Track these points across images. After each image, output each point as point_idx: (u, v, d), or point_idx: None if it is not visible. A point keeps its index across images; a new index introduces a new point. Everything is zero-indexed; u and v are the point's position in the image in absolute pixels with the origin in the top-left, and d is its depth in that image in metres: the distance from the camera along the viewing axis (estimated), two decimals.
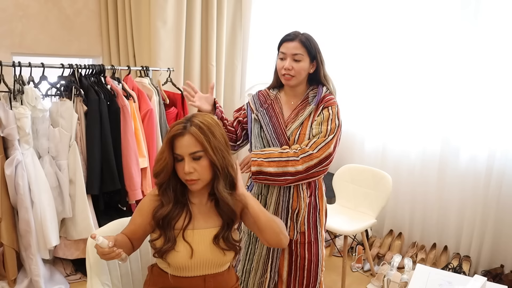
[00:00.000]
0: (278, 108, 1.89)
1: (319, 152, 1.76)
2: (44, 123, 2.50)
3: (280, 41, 1.84)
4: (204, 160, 1.40)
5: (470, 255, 2.96)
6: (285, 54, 1.80)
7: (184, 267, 1.44)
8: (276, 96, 1.93)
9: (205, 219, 1.48)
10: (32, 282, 2.49)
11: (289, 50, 1.79)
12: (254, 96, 1.99)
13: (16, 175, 2.35)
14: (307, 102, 1.87)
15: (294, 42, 1.79)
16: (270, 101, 1.92)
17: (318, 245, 1.97)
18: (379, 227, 3.43)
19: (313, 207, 1.94)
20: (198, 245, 1.43)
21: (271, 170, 1.76)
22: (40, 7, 3.34)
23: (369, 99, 3.36)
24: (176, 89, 3.28)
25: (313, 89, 1.89)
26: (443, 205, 3.08)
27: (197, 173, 1.39)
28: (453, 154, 2.99)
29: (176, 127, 1.40)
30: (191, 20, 3.48)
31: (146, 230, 1.48)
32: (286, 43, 1.81)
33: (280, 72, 1.84)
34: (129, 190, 2.75)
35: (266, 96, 1.95)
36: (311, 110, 1.84)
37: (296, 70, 1.80)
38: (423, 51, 3.05)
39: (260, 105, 1.93)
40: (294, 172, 1.76)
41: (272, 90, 1.96)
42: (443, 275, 1.84)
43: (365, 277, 3.00)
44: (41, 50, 3.41)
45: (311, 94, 1.88)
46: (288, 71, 1.80)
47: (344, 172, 3.10)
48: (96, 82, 2.75)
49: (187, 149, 1.38)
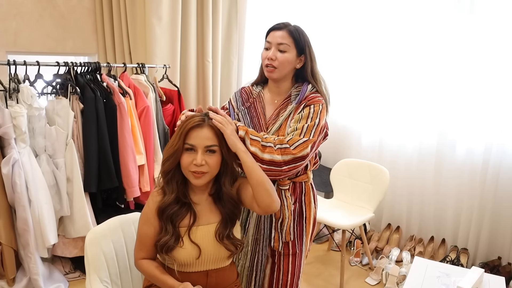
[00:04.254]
0: (260, 108, 1.73)
1: (295, 150, 1.55)
2: (41, 122, 2.49)
3: (268, 31, 1.70)
4: (217, 155, 1.43)
5: (468, 248, 2.98)
6: (271, 43, 1.65)
7: (188, 264, 1.45)
8: (259, 94, 1.76)
9: (207, 216, 1.49)
10: (31, 280, 2.48)
11: (274, 39, 1.64)
12: (237, 93, 1.83)
13: (13, 174, 2.34)
14: (289, 101, 1.70)
15: (281, 31, 1.64)
16: (253, 99, 1.75)
17: (301, 256, 1.80)
18: (377, 221, 3.45)
19: (298, 215, 1.75)
20: (203, 241, 1.45)
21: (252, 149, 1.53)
22: (34, 5, 3.31)
23: (366, 94, 3.36)
24: (172, 86, 3.27)
25: (298, 87, 1.72)
26: (440, 199, 3.09)
27: (207, 166, 1.40)
28: (449, 148, 3.00)
29: (193, 119, 1.42)
30: (186, 16, 3.47)
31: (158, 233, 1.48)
32: (273, 32, 1.66)
33: (263, 63, 1.68)
34: (126, 188, 2.74)
35: (249, 93, 1.79)
36: (291, 109, 1.67)
37: (280, 61, 1.63)
38: (420, 45, 3.05)
39: (241, 103, 1.77)
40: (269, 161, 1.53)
41: (256, 87, 1.79)
42: (441, 267, 1.85)
43: (364, 271, 3.01)
44: (36, 48, 3.39)
45: (294, 92, 1.70)
46: (271, 61, 1.63)
47: (342, 166, 3.11)
48: (92, 80, 2.74)
49: (204, 141, 1.40)
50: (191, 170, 1.41)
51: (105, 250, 1.59)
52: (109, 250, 1.61)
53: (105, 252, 1.59)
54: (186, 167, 1.42)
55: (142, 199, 2.87)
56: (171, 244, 1.41)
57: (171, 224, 1.43)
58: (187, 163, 1.41)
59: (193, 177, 1.42)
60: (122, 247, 1.66)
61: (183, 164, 1.42)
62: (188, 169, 1.41)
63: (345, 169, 3.09)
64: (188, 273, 1.47)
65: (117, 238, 1.66)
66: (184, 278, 1.44)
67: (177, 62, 3.46)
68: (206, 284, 1.48)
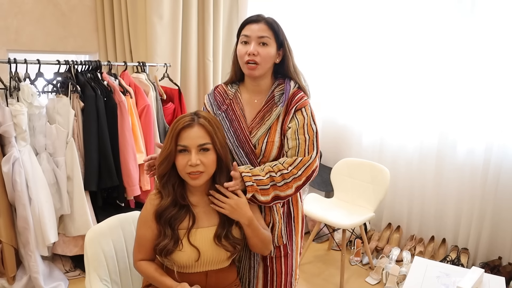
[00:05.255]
0: (238, 110, 1.60)
1: (305, 172, 1.52)
2: (41, 120, 2.49)
3: (242, 24, 1.56)
4: (211, 153, 1.41)
5: (468, 248, 2.97)
6: (249, 37, 1.51)
7: (188, 266, 1.44)
8: (235, 94, 1.62)
9: (206, 218, 1.47)
10: (31, 279, 2.49)
11: (254, 33, 1.51)
12: (210, 95, 1.67)
13: (13, 172, 2.34)
14: (273, 103, 1.58)
15: (260, 23, 1.52)
16: (229, 101, 1.61)
17: (293, 255, 1.74)
18: (377, 221, 3.44)
19: (287, 216, 1.69)
20: (202, 244, 1.43)
21: (263, 199, 1.50)
22: (35, 4, 3.31)
23: (367, 93, 3.35)
24: (173, 85, 3.27)
25: (280, 85, 1.60)
26: (441, 198, 3.09)
27: (202, 166, 1.38)
28: (450, 147, 2.99)
29: (183, 120, 1.40)
30: (187, 15, 3.46)
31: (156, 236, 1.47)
32: (250, 25, 1.53)
33: (242, 59, 1.53)
34: (127, 186, 2.75)
35: (223, 94, 1.64)
36: (278, 112, 1.56)
37: (262, 56, 1.51)
38: (420, 45, 3.04)
39: (217, 107, 1.62)
40: (284, 196, 1.53)
41: (230, 87, 1.65)
42: (441, 267, 1.85)
43: (364, 271, 3.01)
44: (37, 46, 3.39)
45: (278, 92, 1.59)
46: (253, 56, 1.50)
47: (342, 166, 3.10)
48: (92, 78, 2.74)
49: (196, 141, 1.38)
50: (187, 172, 1.39)
51: (104, 249, 1.59)
52: (109, 248, 1.61)
53: (104, 250, 1.59)
54: (182, 169, 1.40)
55: (143, 197, 2.88)
56: (170, 247, 1.39)
57: (169, 228, 1.41)
58: (182, 165, 1.39)
59: (190, 178, 1.40)
60: (122, 246, 1.66)
61: (179, 167, 1.40)
62: (184, 171, 1.39)
63: (345, 169, 3.09)
64: (188, 274, 1.46)
65: (117, 237, 1.66)
66: (184, 279, 1.44)
67: (178, 60, 3.45)
68: (206, 284, 1.48)
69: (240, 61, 1.56)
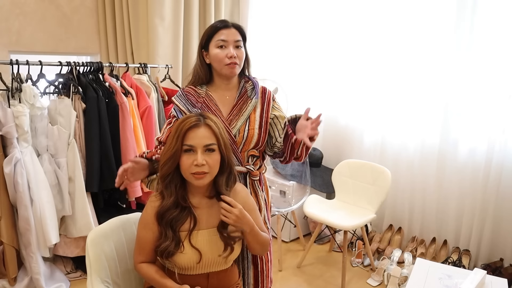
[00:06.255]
0: (214, 105, 1.70)
1: None
2: (43, 121, 2.50)
3: (214, 30, 1.69)
4: (216, 154, 1.42)
5: (470, 249, 2.97)
6: (227, 41, 1.66)
7: (189, 268, 1.44)
8: (207, 93, 1.73)
9: (207, 219, 1.47)
10: (33, 280, 2.49)
11: (231, 37, 1.67)
12: (180, 97, 1.75)
13: (15, 173, 2.35)
14: (247, 97, 1.74)
15: (231, 29, 1.68)
16: (202, 99, 1.71)
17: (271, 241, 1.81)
18: (378, 222, 3.44)
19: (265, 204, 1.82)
20: (204, 245, 1.43)
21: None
22: (37, 5, 3.32)
23: (368, 94, 3.35)
24: (174, 86, 3.27)
25: (247, 82, 1.78)
26: (442, 200, 3.08)
27: (207, 166, 1.39)
28: (452, 147, 2.99)
29: (189, 120, 1.41)
30: (189, 16, 3.47)
31: (157, 238, 1.47)
32: (225, 30, 1.67)
33: (223, 62, 1.66)
34: (128, 188, 2.74)
35: (194, 94, 1.73)
36: (254, 104, 1.73)
37: (240, 58, 1.69)
38: (421, 45, 3.04)
39: (191, 105, 1.71)
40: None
41: (200, 87, 1.75)
42: (443, 269, 1.85)
43: (365, 272, 3.00)
44: (39, 48, 3.39)
45: (249, 87, 1.76)
46: (233, 59, 1.65)
47: (343, 167, 3.10)
48: (94, 80, 2.74)
49: (202, 141, 1.39)
50: (192, 172, 1.39)
51: (106, 251, 1.59)
52: (110, 250, 1.60)
53: (106, 252, 1.58)
54: (187, 169, 1.39)
55: (144, 199, 2.87)
56: (172, 249, 1.39)
57: (171, 229, 1.41)
58: (188, 164, 1.39)
59: (194, 178, 1.40)
60: (123, 247, 1.66)
61: (184, 166, 1.40)
62: (189, 171, 1.39)
63: (347, 170, 3.09)
64: (189, 275, 1.46)
65: (118, 239, 1.66)
66: (185, 281, 1.44)
67: (179, 62, 3.46)
68: (207, 286, 1.47)
69: (218, 64, 1.68)
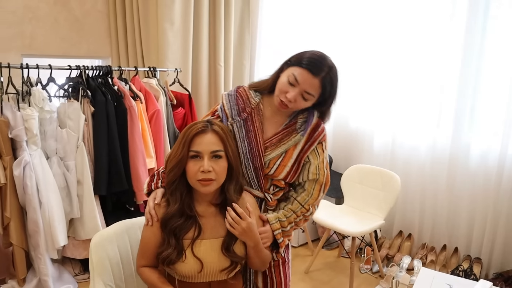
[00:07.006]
0: (258, 122, 1.54)
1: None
2: (52, 124, 2.52)
3: (305, 62, 1.44)
4: (223, 160, 1.40)
5: (482, 257, 2.91)
6: (299, 83, 1.43)
7: (190, 277, 1.43)
8: (258, 105, 1.57)
9: (212, 229, 1.45)
10: (41, 281, 2.51)
11: (305, 85, 1.43)
12: (231, 97, 1.59)
13: (24, 176, 2.37)
14: (294, 129, 1.56)
15: (316, 78, 1.43)
16: (250, 110, 1.55)
17: (289, 263, 1.72)
18: (388, 228, 3.39)
19: None
20: (206, 255, 1.41)
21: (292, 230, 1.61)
22: (50, 9, 3.37)
23: (378, 98, 3.32)
24: (183, 90, 3.28)
25: (303, 111, 1.58)
26: (453, 206, 3.03)
27: (214, 173, 1.37)
28: (463, 152, 2.93)
29: (196, 126, 1.39)
30: (198, 20, 3.48)
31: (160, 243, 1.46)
32: (307, 73, 1.42)
33: (279, 96, 1.48)
34: (136, 191, 2.76)
35: (246, 101, 1.57)
36: (297, 140, 1.55)
37: (297, 106, 1.49)
38: (431, 45, 3.00)
39: (237, 113, 1.55)
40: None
41: (254, 94, 1.58)
42: (447, 279, 1.81)
43: (374, 279, 2.97)
44: (51, 51, 3.44)
45: (301, 118, 1.57)
46: (289, 103, 1.46)
47: (353, 172, 3.07)
48: (103, 83, 2.77)
49: (209, 147, 1.37)
50: (198, 179, 1.36)
51: (110, 254, 1.59)
52: (114, 254, 1.60)
53: (110, 256, 1.58)
54: (193, 176, 1.37)
55: None
56: (173, 258, 1.38)
57: (174, 238, 1.40)
58: (194, 171, 1.37)
59: (200, 185, 1.38)
60: (127, 251, 1.66)
61: (190, 173, 1.38)
62: (195, 178, 1.37)
63: (356, 175, 3.06)
64: (190, 283, 1.44)
65: (123, 243, 1.66)
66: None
67: (189, 66, 3.47)
68: None
69: (277, 91, 1.50)
